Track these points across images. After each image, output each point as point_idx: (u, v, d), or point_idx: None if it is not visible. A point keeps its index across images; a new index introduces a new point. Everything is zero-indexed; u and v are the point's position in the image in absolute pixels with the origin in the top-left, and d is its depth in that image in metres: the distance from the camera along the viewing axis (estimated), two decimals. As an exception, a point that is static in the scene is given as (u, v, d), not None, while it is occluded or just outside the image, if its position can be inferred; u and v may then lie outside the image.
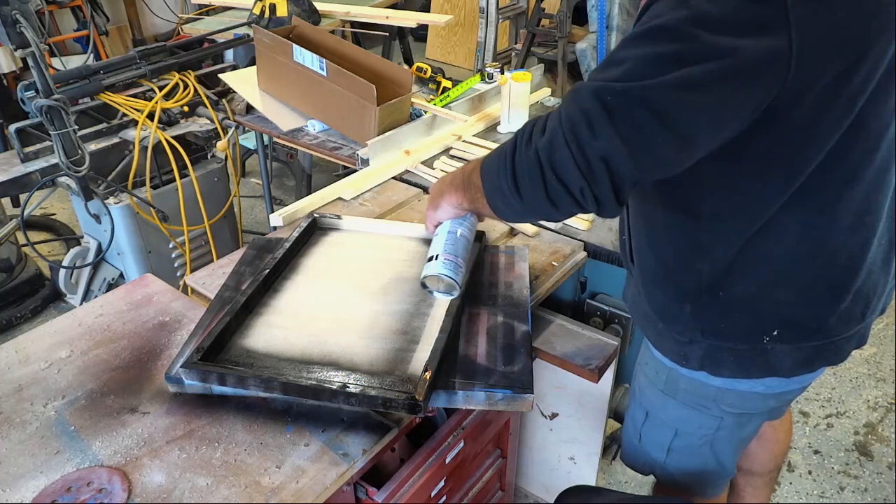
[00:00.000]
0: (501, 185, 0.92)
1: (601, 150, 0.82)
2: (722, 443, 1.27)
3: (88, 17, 4.48)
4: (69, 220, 3.53)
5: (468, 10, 5.53)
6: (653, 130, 0.82)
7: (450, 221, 1.23)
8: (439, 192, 1.19)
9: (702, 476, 1.35)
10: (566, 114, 0.85)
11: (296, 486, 1.02)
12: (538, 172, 0.87)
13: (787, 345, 1.07)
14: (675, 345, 1.15)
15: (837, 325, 1.07)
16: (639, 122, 0.81)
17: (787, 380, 1.12)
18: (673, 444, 1.31)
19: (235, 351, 1.20)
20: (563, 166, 0.84)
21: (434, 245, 1.23)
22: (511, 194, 0.92)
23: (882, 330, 2.83)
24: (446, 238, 1.22)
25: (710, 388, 1.16)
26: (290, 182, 3.87)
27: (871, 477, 2.21)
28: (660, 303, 1.15)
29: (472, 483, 1.47)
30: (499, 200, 0.98)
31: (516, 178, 0.90)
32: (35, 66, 1.98)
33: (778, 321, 1.05)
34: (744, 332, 1.07)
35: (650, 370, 1.27)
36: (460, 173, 1.14)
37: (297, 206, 1.73)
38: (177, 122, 2.46)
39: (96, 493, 1.01)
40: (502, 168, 0.92)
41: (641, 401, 1.34)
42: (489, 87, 2.37)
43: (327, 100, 2.13)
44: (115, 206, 2.36)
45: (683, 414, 1.24)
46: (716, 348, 1.10)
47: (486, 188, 0.97)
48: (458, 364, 1.18)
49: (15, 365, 1.26)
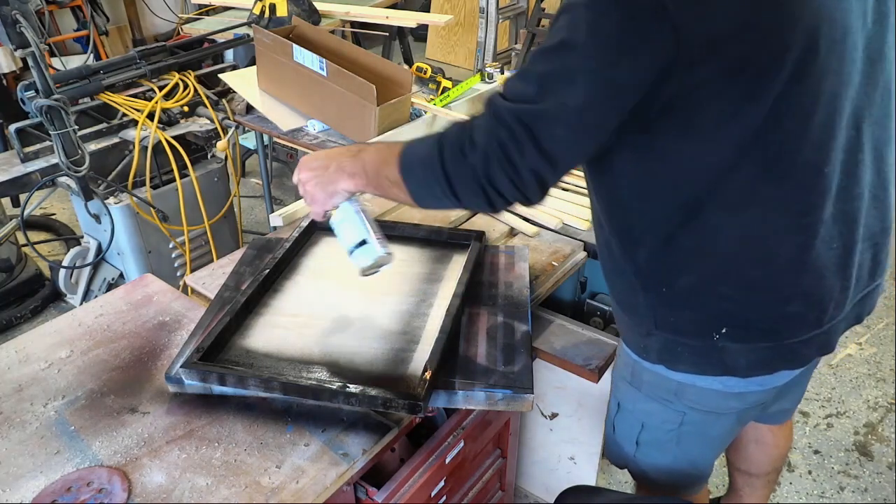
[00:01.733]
0: (434, 189, 1.02)
1: (530, 166, 0.93)
2: (688, 440, 1.27)
3: (88, 17, 4.48)
4: (69, 220, 3.53)
5: (468, 10, 5.53)
6: (570, 140, 0.93)
7: (346, 203, 1.24)
8: (329, 181, 1.19)
9: (672, 474, 1.35)
10: (493, 134, 0.94)
11: (296, 486, 1.02)
12: (476, 185, 0.97)
13: (739, 344, 1.07)
14: (636, 337, 1.18)
15: (787, 328, 1.07)
16: (558, 138, 0.92)
17: (745, 380, 1.12)
18: (641, 437, 1.32)
19: (235, 351, 1.20)
20: (500, 181, 0.95)
21: (351, 230, 1.23)
22: (446, 196, 1.01)
23: (882, 330, 2.83)
24: (359, 219, 1.23)
25: (670, 381, 1.18)
26: (290, 182, 3.86)
27: (871, 477, 2.21)
28: (619, 294, 1.19)
29: (472, 483, 1.47)
30: (429, 199, 1.08)
31: (452, 185, 0.99)
32: (35, 66, 1.98)
33: (726, 319, 1.06)
34: (694, 327, 1.09)
35: (621, 361, 1.29)
36: (348, 159, 1.17)
37: (297, 206, 1.73)
38: (177, 122, 2.46)
39: (96, 493, 1.01)
40: (433, 175, 1.01)
41: (615, 392, 1.35)
42: (489, 87, 2.37)
43: (327, 100, 2.13)
44: (115, 206, 2.36)
45: (648, 407, 1.25)
46: (671, 342, 1.12)
47: (413, 188, 1.06)
48: (458, 364, 1.18)
49: (15, 365, 1.26)
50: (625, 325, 1.21)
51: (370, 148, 1.16)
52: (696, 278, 1.04)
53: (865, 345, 2.76)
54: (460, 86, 2.39)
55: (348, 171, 1.17)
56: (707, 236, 1.01)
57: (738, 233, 1.00)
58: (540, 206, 1.73)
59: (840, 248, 1.05)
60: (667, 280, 1.07)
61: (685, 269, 1.05)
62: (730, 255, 1.02)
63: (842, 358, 2.70)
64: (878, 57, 1.01)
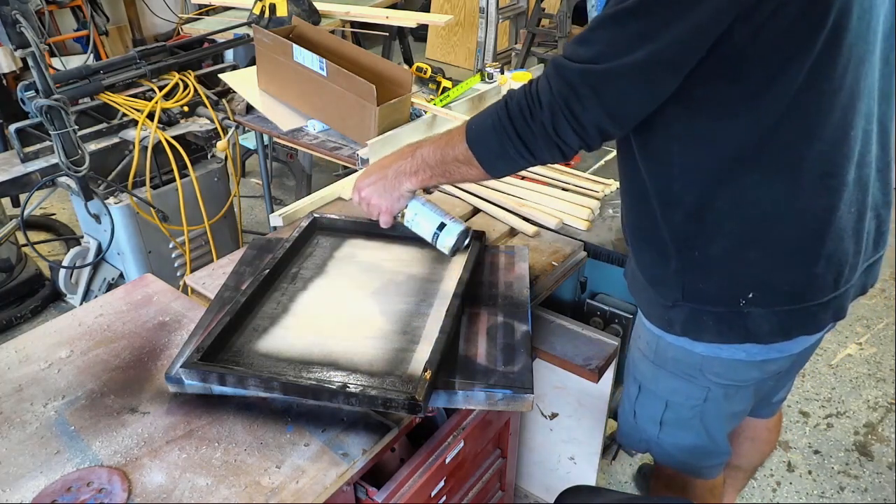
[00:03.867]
0: (508, 151, 1.09)
1: (594, 121, 1.01)
2: (711, 416, 1.32)
3: (88, 17, 4.48)
4: (69, 220, 3.53)
5: (468, 10, 5.53)
6: (631, 96, 0.99)
7: (413, 202, 1.34)
8: (391, 186, 1.29)
9: (695, 452, 1.40)
10: (557, 91, 1.00)
11: (296, 486, 1.02)
12: (548, 140, 1.05)
13: (763, 308, 1.12)
14: (660, 310, 1.22)
15: (810, 290, 1.11)
16: (620, 93, 0.99)
17: (767, 347, 1.17)
18: (665, 416, 1.35)
19: (235, 351, 1.20)
20: (567, 135, 1.03)
21: (427, 220, 1.35)
22: (521, 155, 1.09)
23: (882, 330, 2.83)
24: (430, 208, 1.35)
25: (695, 355, 1.22)
26: (290, 182, 3.87)
27: (871, 477, 2.21)
28: (647, 263, 1.22)
29: (472, 483, 1.47)
30: (502, 163, 1.15)
31: (525, 144, 1.07)
32: (35, 66, 1.98)
33: (752, 283, 1.10)
34: (721, 293, 1.13)
35: (642, 342, 1.32)
36: (405, 160, 1.26)
37: (297, 206, 1.73)
38: (177, 122, 2.46)
39: (96, 493, 1.01)
40: (506, 137, 1.08)
41: (634, 374, 1.38)
42: (489, 87, 2.37)
43: (327, 100, 2.13)
44: (115, 206, 2.36)
45: (673, 385, 1.29)
46: (696, 312, 1.16)
47: (484, 156, 1.14)
48: (458, 364, 1.18)
49: (15, 365, 1.26)
50: (648, 300, 1.25)
51: (424, 142, 1.25)
52: (727, 243, 1.09)
53: (865, 345, 2.76)
54: (460, 86, 2.39)
55: (409, 171, 1.25)
56: (742, 198, 1.05)
57: (771, 195, 1.04)
58: (540, 206, 1.74)
59: (856, 213, 1.10)
60: (700, 244, 1.11)
61: (718, 233, 1.09)
62: (761, 217, 1.06)
63: (842, 358, 2.70)
64: (890, 32, 1.05)
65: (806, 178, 1.03)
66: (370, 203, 1.32)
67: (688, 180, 1.08)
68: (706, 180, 1.06)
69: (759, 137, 1.00)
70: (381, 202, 1.31)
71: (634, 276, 1.29)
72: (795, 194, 1.04)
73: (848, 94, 1.00)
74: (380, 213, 1.33)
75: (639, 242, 1.24)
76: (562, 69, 1.00)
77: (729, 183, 1.05)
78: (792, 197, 1.05)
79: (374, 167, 1.32)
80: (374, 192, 1.31)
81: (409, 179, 1.26)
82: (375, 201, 1.31)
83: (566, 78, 0.99)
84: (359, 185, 1.33)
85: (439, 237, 1.35)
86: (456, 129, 1.18)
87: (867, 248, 1.16)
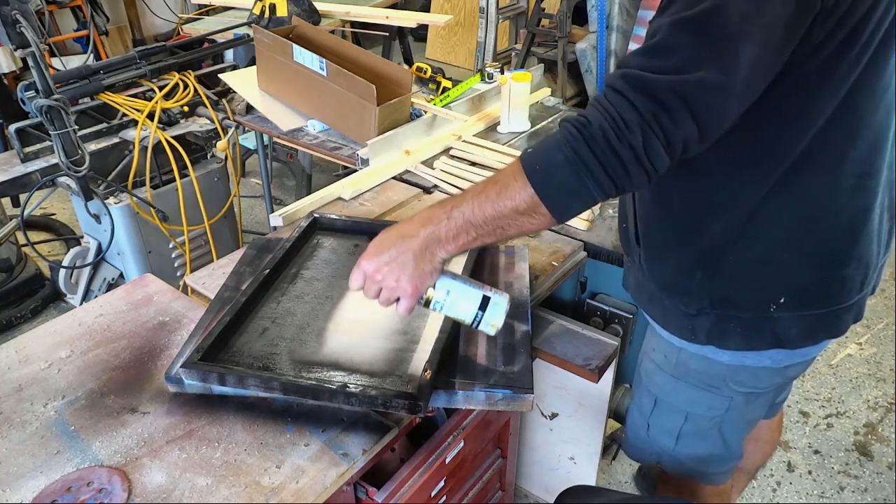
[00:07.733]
0: (587, 187, 0.94)
1: (684, 134, 0.90)
2: (730, 424, 1.29)
3: (88, 17, 4.47)
4: (69, 220, 3.53)
5: (468, 10, 5.53)
6: (725, 108, 0.91)
7: (442, 276, 1.08)
8: (419, 260, 1.04)
9: (709, 460, 1.37)
10: (644, 107, 0.89)
11: (296, 486, 1.02)
12: (637, 164, 0.92)
13: (792, 313, 1.09)
14: (682, 319, 1.18)
15: (839, 293, 1.10)
16: (714, 105, 0.90)
17: (792, 352, 1.15)
18: (683, 428, 1.32)
19: (235, 351, 1.20)
20: (657, 155, 0.91)
21: (465, 298, 1.09)
22: (599, 190, 0.94)
23: (882, 330, 2.83)
24: (462, 282, 1.10)
25: (719, 365, 1.18)
26: (290, 182, 3.87)
27: (871, 477, 2.21)
28: (667, 276, 1.17)
29: (472, 483, 1.47)
30: (575, 203, 0.98)
31: (610, 174, 0.93)
32: (35, 66, 1.98)
33: (783, 288, 1.08)
34: (751, 299, 1.10)
35: (658, 355, 1.29)
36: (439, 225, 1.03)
37: (297, 206, 1.73)
38: (177, 122, 2.46)
39: (96, 493, 1.01)
40: (585, 172, 0.93)
41: (649, 387, 1.35)
42: (489, 87, 2.37)
43: (327, 100, 2.13)
44: (115, 206, 2.36)
45: (694, 396, 1.26)
46: (723, 318, 1.13)
47: (554, 199, 0.97)
48: (458, 364, 1.18)
49: (15, 365, 1.26)
50: (665, 312, 1.20)
51: (458, 200, 1.02)
52: (763, 247, 1.06)
53: (865, 345, 2.76)
54: (460, 86, 2.39)
55: (446, 237, 1.02)
56: (786, 203, 1.03)
57: (809, 195, 1.02)
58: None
59: (880, 214, 1.09)
60: (737, 249, 1.08)
61: (756, 239, 1.06)
62: (800, 220, 1.04)
63: (842, 358, 2.70)
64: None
65: (846, 179, 1.02)
66: (385, 286, 1.05)
67: (735, 188, 1.05)
68: (756, 187, 1.03)
69: (811, 140, 0.98)
70: (402, 283, 1.03)
71: (641, 287, 1.25)
72: (835, 196, 1.03)
73: (888, 95, 0.99)
74: (402, 296, 1.06)
75: (659, 252, 1.18)
76: (642, 83, 0.89)
77: (778, 188, 1.02)
78: (831, 198, 1.03)
79: (386, 240, 1.06)
80: (394, 271, 1.03)
81: (445, 247, 1.02)
82: (392, 283, 1.04)
83: (650, 92, 0.88)
84: (368, 267, 1.06)
85: (482, 318, 1.08)
86: (503, 176, 0.98)
87: (885, 249, 1.16)
